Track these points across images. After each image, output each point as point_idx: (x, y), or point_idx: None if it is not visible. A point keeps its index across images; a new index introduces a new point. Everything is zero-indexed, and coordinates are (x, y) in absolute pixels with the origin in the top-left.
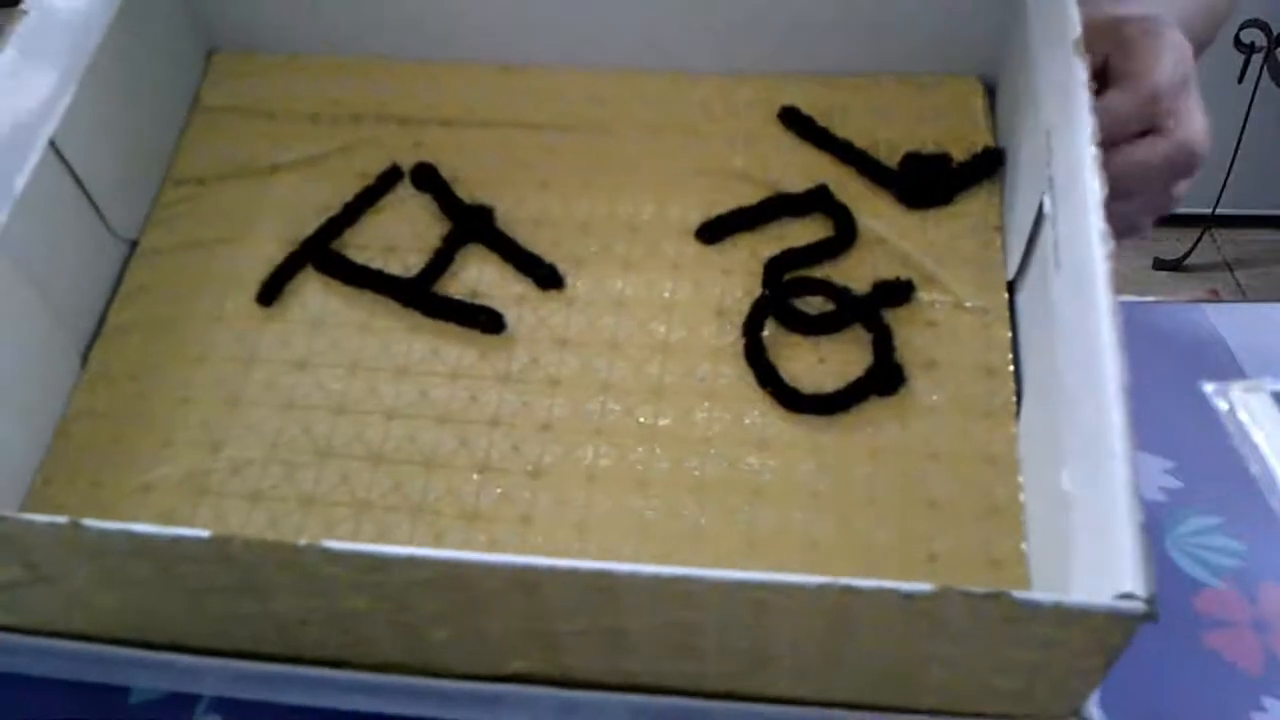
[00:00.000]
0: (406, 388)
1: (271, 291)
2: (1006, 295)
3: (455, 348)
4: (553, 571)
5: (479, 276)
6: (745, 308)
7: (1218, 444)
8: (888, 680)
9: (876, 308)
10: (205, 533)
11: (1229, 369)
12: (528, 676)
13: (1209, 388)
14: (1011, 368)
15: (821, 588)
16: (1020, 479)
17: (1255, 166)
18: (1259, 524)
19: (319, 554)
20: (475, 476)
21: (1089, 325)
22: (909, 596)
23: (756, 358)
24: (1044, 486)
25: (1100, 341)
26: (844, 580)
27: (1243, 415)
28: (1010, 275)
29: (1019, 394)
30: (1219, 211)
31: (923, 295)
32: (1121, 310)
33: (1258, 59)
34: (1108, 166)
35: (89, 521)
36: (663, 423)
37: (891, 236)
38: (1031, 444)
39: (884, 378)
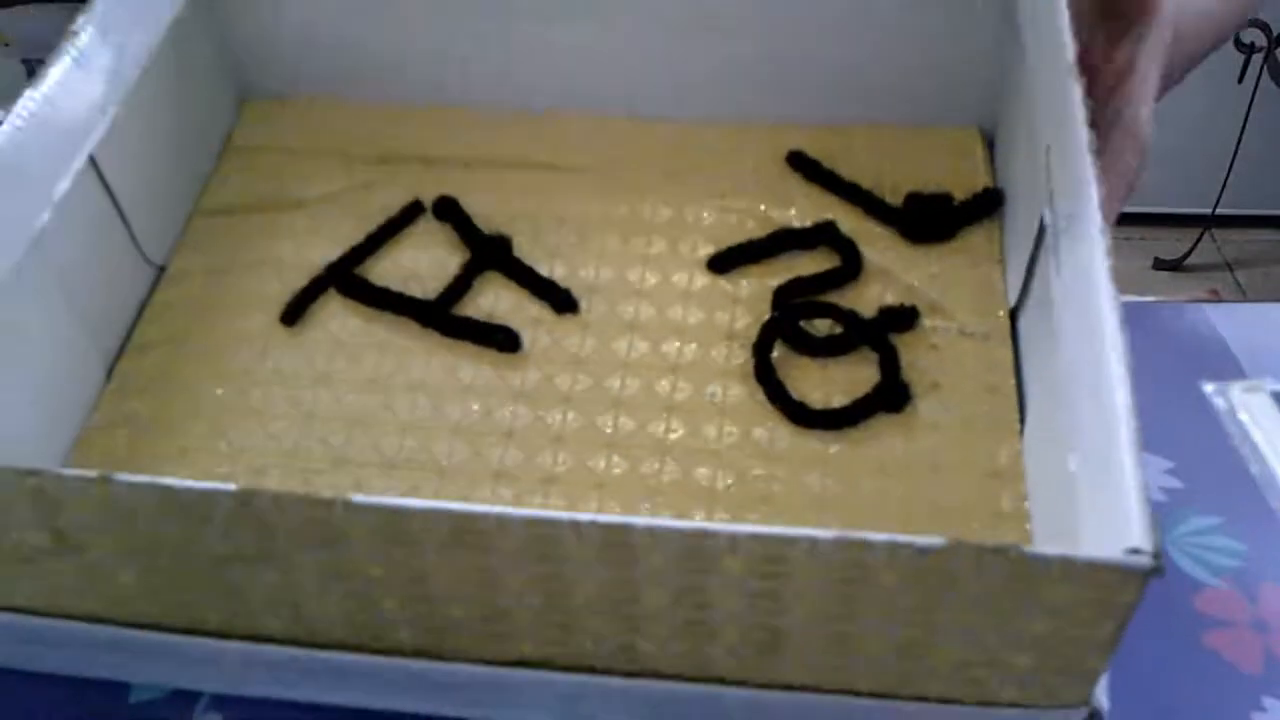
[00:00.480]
0: (422, 402)
1: (295, 312)
2: (1008, 321)
3: (471, 366)
4: (571, 524)
5: (496, 302)
6: (755, 333)
7: (1218, 444)
8: (897, 663)
9: (882, 332)
10: (232, 486)
11: (1229, 369)
12: (539, 662)
13: (1209, 388)
14: (1014, 387)
15: (837, 540)
16: (1025, 488)
17: (1255, 166)
18: (1259, 524)
19: (344, 507)
20: (488, 484)
21: (1090, 315)
22: (922, 550)
23: (766, 377)
24: (1049, 494)
25: (1102, 326)
26: (858, 533)
27: (1243, 415)
28: (1011, 304)
29: (1022, 413)
30: (1219, 211)
31: (926, 322)
32: (1122, 310)
33: (1258, 59)
34: None
35: (120, 475)
36: (673, 436)
37: (895, 269)
38: (1036, 457)
39: (890, 395)
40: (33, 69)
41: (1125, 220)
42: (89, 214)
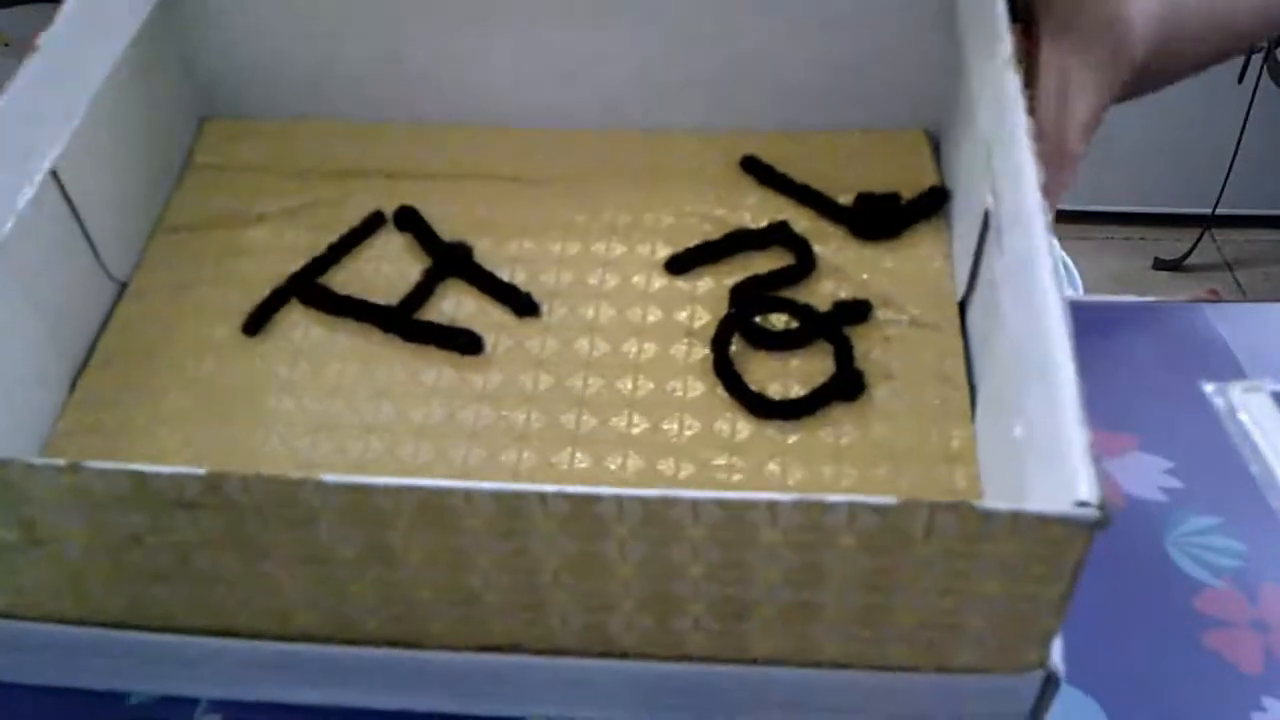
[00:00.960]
0: (386, 407)
1: (257, 322)
2: (957, 312)
3: (434, 369)
4: (537, 496)
5: (457, 307)
6: (713, 330)
7: (1218, 444)
8: (859, 631)
9: (837, 324)
10: (201, 470)
11: (1229, 369)
12: (509, 647)
13: (1209, 388)
14: (965, 376)
15: (796, 503)
16: (978, 470)
17: (1255, 166)
18: (1259, 524)
19: (314, 486)
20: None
21: (1031, 288)
22: (877, 509)
23: (724, 370)
24: (1002, 474)
25: (1044, 297)
26: (816, 495)
27: (1243, 415)
28: (959, 297)
29: (973, 401)
30: (1219, 211)
31: (879, 314)
32: (1121, 310)
33: (1258, 59)
34: None
35: (89, 462)
36: (636, 431)
37: (848, 265)
38: (987, 440)
39: (846, 384)
40: None
41: (1125, 220)
42: (51, 226)
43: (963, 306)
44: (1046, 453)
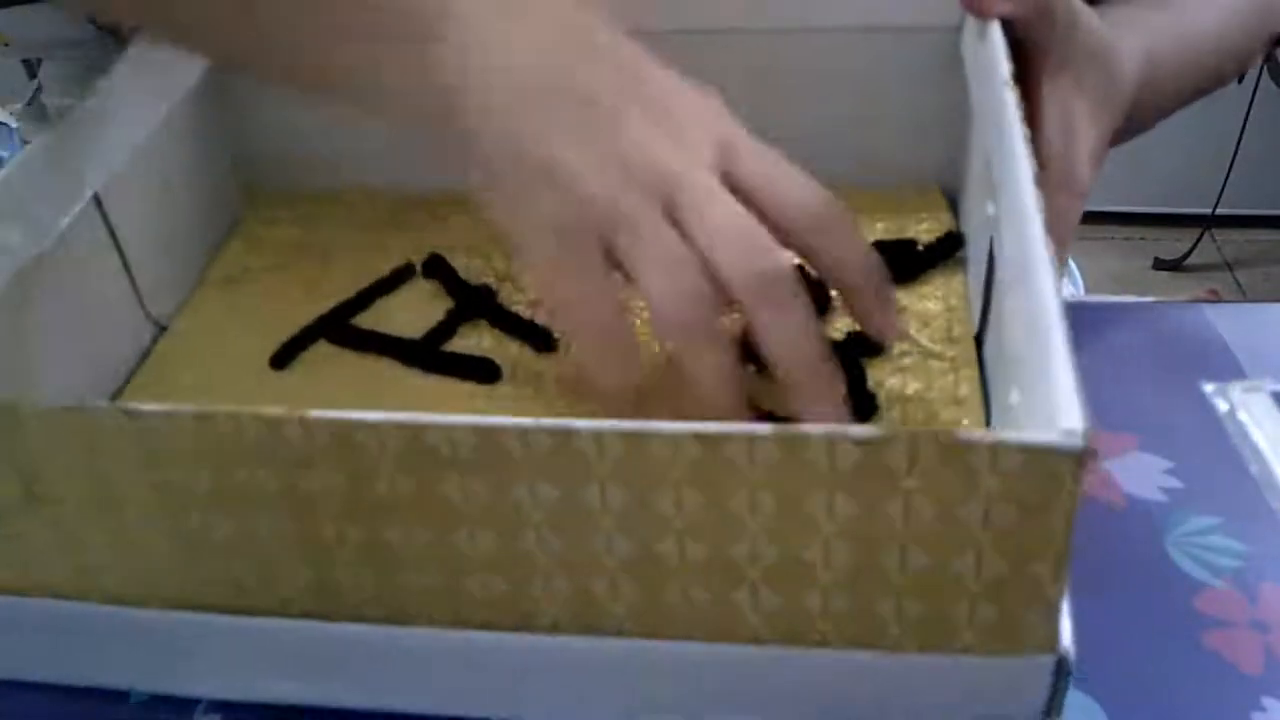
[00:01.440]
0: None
1: (285, 357)
2: (973, 345)
3: (453, 400)
4: (518, 429)
5: (477, 344)
6: None
7: (1218, 444)
8: (850, 600)
9: (851, 353)
10: (190, 407)
11: (1229, 369)
12: (492, 624)
13: (1209, 388)
14: (980, 400)
15: (775, 434)
16: None
17: (1255, 166)
18: (1259, 524)
19: (300, 423)
20: None
21: (1027, 268)
22: (858, 440)
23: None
24: None
25: (1038, 273)
26: (795, 427)
27: (1243, 415)
28: (974, 330)
29: (988, 424)
30: (1219, 211)
31: (893, 347)
32: (1121, 310)
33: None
34: None
35: (90, 405)
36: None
37: None
38: None
39: (858, 404)
40: (33, 69)
41: (1125, 220)
42: (93, 260)
43: (978, 341)
44: (1035, 400)
